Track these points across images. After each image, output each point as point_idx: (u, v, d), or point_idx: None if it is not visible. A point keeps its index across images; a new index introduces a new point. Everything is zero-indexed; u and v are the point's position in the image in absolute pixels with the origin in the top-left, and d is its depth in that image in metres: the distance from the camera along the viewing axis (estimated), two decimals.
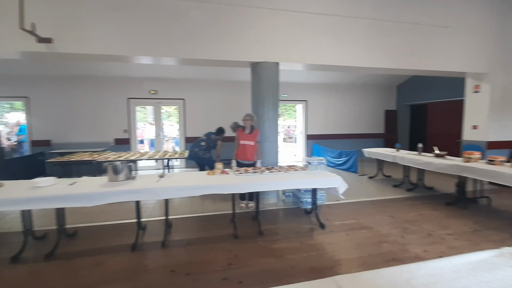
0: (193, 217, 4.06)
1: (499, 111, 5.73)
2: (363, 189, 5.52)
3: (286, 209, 4.37)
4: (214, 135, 5.41)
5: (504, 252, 1.54)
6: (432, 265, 1.40)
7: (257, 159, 4.26)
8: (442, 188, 5.51)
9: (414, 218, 3.88)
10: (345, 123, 9.45)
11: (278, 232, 3.48)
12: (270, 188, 3.31)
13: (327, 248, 3.01)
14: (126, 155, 5.32)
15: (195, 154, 5.31)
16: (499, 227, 3.58)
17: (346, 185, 3.40)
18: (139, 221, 3.37)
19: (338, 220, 3.83)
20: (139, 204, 3.36)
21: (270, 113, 4.61)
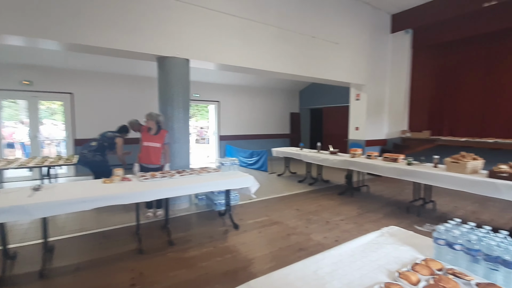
0: (84, 235, 3.38)
1: (373, 116, 7.12)
2: (273, 186, 5.87)
3: (199, 213, 4.18)
4: (112, 133, 4.54)
5: (384, 231, 1.84)
6: (333, 253, 1.53)
7: (165, 162, 3.89)
8: (336, 180, 6.43)
9: (315, 209, 4.35)
10: (255, 124, 9.91)
11: (191, 239, 3.26)
12: (181, 193, 3.07)
13: (241, 248, 3.01)
14: None
15: (83, 157, 4.37)
16: (375, 209, 4.40)
17: (258, 184, 3.49)
18: (5, 248, 2.55)
19: (251, 218, 3.91)
20: (3, 227, 2.54)
21: (180, 113, 4.32)
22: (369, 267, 1.38)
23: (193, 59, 4.43)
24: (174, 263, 2.70)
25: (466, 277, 1.24)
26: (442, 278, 1.22)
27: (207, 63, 4.78)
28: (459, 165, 3.66)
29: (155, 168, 3.76)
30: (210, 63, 4.73)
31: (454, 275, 1.26)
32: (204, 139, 13.31)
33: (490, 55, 5.91)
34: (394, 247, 1.61)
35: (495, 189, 3.12)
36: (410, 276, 1.24)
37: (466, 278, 1.23)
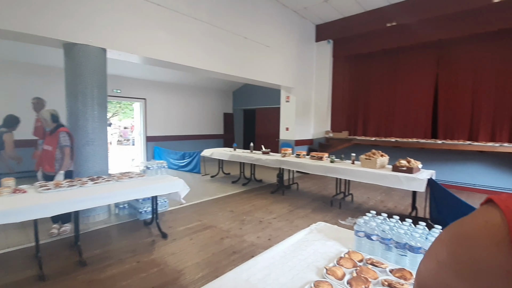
0: None
1: (301, 117, 7.61)
2: (206, 189, 5.67)
3: (121, 225, 3.69)
4: None
5: (312, 228, 1.91)
6: (266, 256, 1.49)
7: (59, 170, 3.13)
8: (269, 179, 6.62)
9: (248, 209, 4.35)
10: (188, 124, 9.47)
11: (109, 256, 2.82)
12: (95, 204, 2.60)
13: (170, 259, 2.75)
14: None
15: None
16: (304, 205, 4.67)
17: (188, 188, 3.27)
18: None
19: (182, 225, 3.65)
20: None
21: (95, 110, 3.73)
22: (299, 267, 1.38)
23: (111, 49, 3.89)
24: (86, 287, 2.28)
25: (382, 265, 1.36)
26: (363, 269, 1.31)
27: (129, 55, 4.28)
28: (371, 161, 4.18)
29: (51, 176, 3.12)
30: (132, 55, 4.24)
31: (372, 264, 1.36)
32: (129, 140, 12.06)
33: (391, 68, 7.00)
34: (321, 243, 1.67)
35: (398, 180, 3.66)
36: (336, 271, 1.29)
37: (382, 266, 1.35)
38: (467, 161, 5.85)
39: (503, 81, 5.50)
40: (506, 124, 5.51)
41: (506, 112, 5.49)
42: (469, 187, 5.82)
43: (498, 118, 5.58)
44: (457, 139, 5.94)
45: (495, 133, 5.62)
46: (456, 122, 6.07)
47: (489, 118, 5.69)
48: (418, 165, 3.93)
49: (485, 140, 5.65)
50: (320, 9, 6.80)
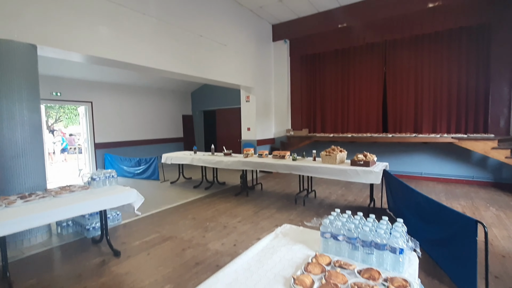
0: None
1: (262, 117, 7.57)
2: (166, 196, 5.30)
3: (64, 246, 3.21)
4: None
5: (278, 232, 1.80)
6: (227, 271, 1.34)
7: None
8: (232, 181, 6.45)
9: (212, 215, 4.15)
10: (143, 129, 8.85)
11: (48, 285, 2.41)
12: (22, 228, 2.16)
13: (124, 280, 2.45)
14: None
15: None
16: (269, 205, 4.61)
17: (142, 198, 2.97)
18: None
19: (137, 239, 3.31)
20: None
21: (24, 116, 3.20)
22: (266, 279, 1.26)
23: (43, 45, 3.39)
24: None
25: (350, 266, 1.30)
26: (331, 274, 1.23)
27: (66, 53, 3.78)
28: (331, 157, 4.27)
29: None
30: (70, 53, 3.75)
31: (341, 267, 1.30)
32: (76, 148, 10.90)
33: (344, 67, 7.33)
34: (287, 248, 1.57)
35: (356, 174, 3.78)
36: (304, 280, 1.19)
37: (350, 268, 1.29)
38: (414, 152, 6.36)
39: (439, 78, 6.08)
40: (444, 116, 6.10)
41: (443, 106, 6.08)
42: (417, 175, 6.33)
43: (438, 111, 6.16)
44: (405, 132, 6.42)
45: (436, 125, 6.20)
46: (403, 116, 6.56)
47: (430, 111, 6.25)
48: (373, 158, 4.11)
49: (428, 132, 6.20)
50: (275, 9, 6.83)
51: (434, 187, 5.54)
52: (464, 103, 5.88)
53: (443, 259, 2.54)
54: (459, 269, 2.28)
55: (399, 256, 1.28)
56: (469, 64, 5.79)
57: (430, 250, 2.73)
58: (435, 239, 2.66)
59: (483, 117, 5.71)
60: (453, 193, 5.09)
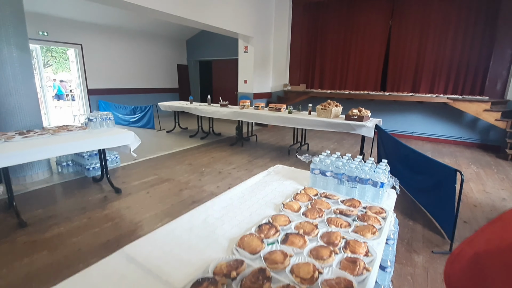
0: None
1: (259, 69, 7.37)
2: (162, 144, 5.41)
3: (65, 183, 3.37)
4: None
5: (270, 171, 1.93)
6: (223, 197, 1.47)
7: None
8: (227, 133, 6.54)
9: (208, 162, 4.30)
10: (137, 76, 8.58)
11: (54, 215, 2.60)
12: (23, 160, 2.23)
13: (125, 213, 2.64)
14: None
15: None
16: (263, 155, 4.77)
17: (139, 140, 3.03)
18: None
19: (137, 179, 3.48)
20: None
21: (13, 52, 3.06)
22: (257, 205, 1.39)
23: None
24: (29, 247, 2.09)
25: (334, 197, 1.44)
26: (317, 201, 1.37)
27: None
28: (326, 111, 4.31)
29: None
30: None
31: (326, 197, 1.44)
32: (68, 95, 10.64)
33: (348, 19, 6.93)
34: (279, 183, 1.70)
35: (350, 127, 3.88)
36: (292, 205, 1.32)
37: (334, 198, 1.43)
38: (408, 112, 6.43)
39: (444, 37, 5.86)
40: (443, 77, 6.04)
41: (444, 66, 5.98)
42: (408, 134, 6.50)
43: (437, 72, 6.07)
44: (402, 91, 6.40)
45: (434, 85, 6.16)
46: (402, 75, 6.46)
47: (430, 71, 6.15)
48: (368, 113, 4.17)
49: (425, 92, 6.19)
50: None
51: (422, 146, 5.75)
52: (465, 64, 5.78)
53: (428, 204, 2.84)
54: (441, 212, 2.54)
55: (379, 190, 1.41)
56: (476, 24, 5.55)
57: (417, 197, 3.06)
58: (421, 188, 2.90)
59: (481, 79, 5.68)
60: (440, 151, 5.31)
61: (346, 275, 0.86)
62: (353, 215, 1.25)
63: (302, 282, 0.84)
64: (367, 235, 1.10)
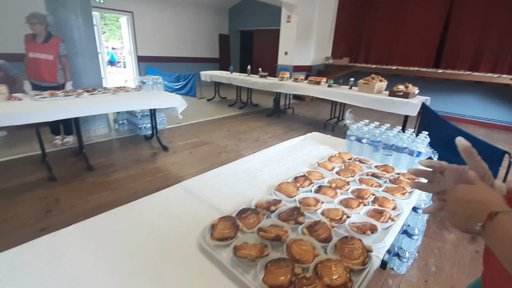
0: None
1: (301, 41, 7.15)
2: (203, 111, 5.71)
3: (122, 139, 3.82)
4: None
5: (307, 136, 2.03)
6: (263, 154, 1.62)
7: (65, 80, 3.19)
8: (264, 104, 6.64)
9: (245, 130, 4.50)
10: (181, 45, 8.87)
11: (114, 163, 3.02)
12: (94, 112, 2.62)
13: (172, 168, 2.97)
14: None
15: None
16: (298, 127, 4.83)
17: (185, 104, 3.28)
18: None
19: (181, 140, 3.81)
20: None
21: (79, 17, 3.41)
22: (293, 163, 1.52)
23: None
24: (97, 186, 2.51)
25: (368, 162, 1.51)
26: (351, 164, 1.45)
27: None
28: (369, 86, 4.16)
29: (51, 86, 3.06)
30: None
31: (360, 161, 1.51)
32: (119, 62, 11.42)
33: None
34: (314, 147, 1.80)
35: (392, 104, 3.72)
36: (327, 165, 1.43)
37: (368, 163, 1.50)
38: (462, 92, 5.87)
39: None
40: (509, 56, 5.32)
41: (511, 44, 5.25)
42: (458, 117, 6.00)
43: (504, 49, 5.36)
44: (459, 69, 5.81)
45: (497, 64, 5.48)
46: (462, 50, 5.82)
47: (494, 48, 5.45)
48: (415, 90, 3.94)
49: (485, 71, 5.55)
50: None
51: (473, 130, 5.30)
52: None
53: None
54: None
55: (415, 159, 1.44)
56: None
57: None
58: None
59: None
60: (493, 137, 4.87)
61: (372, 221, 0.97)
62: (385, 178, 1.31)
63: (331, 221, 0.97)
64: (397, 194, 1.17)
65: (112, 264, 0.75)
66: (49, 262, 0.74)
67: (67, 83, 3.18)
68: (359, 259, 0.79)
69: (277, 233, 0.85)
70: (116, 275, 0.71)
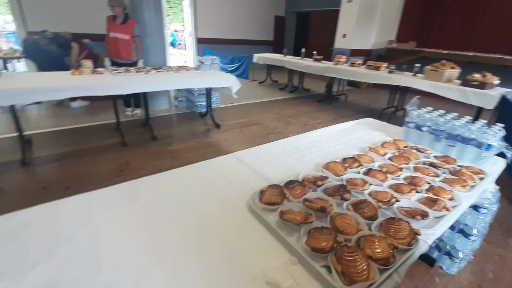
0: (62, 130, 3.32)
1: (362, 22, 6.65)
2: (254, 93, 5.82)
3: (180, 114, 4.16)
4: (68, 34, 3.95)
5: (360, 122, 1.96)
6: (312, 134, 1.64)
7: (137, 58, 3.59)
8: (316, 89, 6.46)
9: (294, 114, 4.48)
10: (236, 27, 9.00)
11: (173, 135, 3.34)
12: (160, 88, 2.92)
13: (223, 143, 3.16)
14: None
15: (33, 43, 3.59)
16: (350, 115, 4.63)
17: (239, 84, 3.40)
18: None
19: (232, 119, 3.99)
20: None
21: (150, 0, 3.71)
22: (343, 145, 1.51)
23: None
24: (159, 154, 2.82)
25: (426, 151, 1.41)
26: (406, 151, 1.38)
27: None
28: (437, 73, 3.73)
29: (124, 63, 3.47)
30: None
31: (417, 150, 1.42)
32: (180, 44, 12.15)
33: None
34: (367, 132, 1.74)
35: (464, 94, 3.31)
36: (379, 150, 1.38)
37: (426, 152, 1.40)
38: None
39: None
40: None
41: None
42: None
43: None
44: None
45: None
46: None
47: None
48: (494, 81, 3.42)
49: None
50: None
51: None
52: None
53: None
54: None
55: (483, 152, 1.30)
56: None
57: None
58: None
59: None
60: None
61: (424, 207, 0.94)
62: (444, 168, 1.23)
63: (377, 202, 0.96)
64: (456, 186, 1.09)
65: (176, 212, 0.89)
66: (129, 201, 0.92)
67: (139, 61, 3.56)
68: (405, 240, 0.79)
69: (322, 205, 0.90)
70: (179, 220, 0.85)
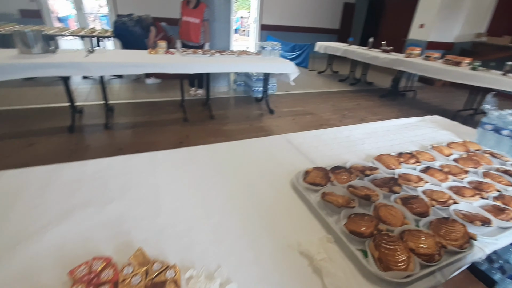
0: (137, 102, 3.79)
1: (446, 10, 5.82)
2: (312, 82, 5.69)
3: (237, 97, 4.34)
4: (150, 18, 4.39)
5: (426, 119, 1.80)
6: (368, 126, 1.57)
7: (204, 41, 3.81)
8: (380, 83, 5.99)
9: (352, 107, 4.27)
10: (302, 14, 8.75)
11: (229, 116, 3.52)
12: (223, 70, 3.12)
13: (275, 129, 3.21)
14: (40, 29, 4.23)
15: (122, 24, 4.17)
16: (417, 114, 4.15)
17: (298, 71, 3.37)
18: (72, 104, 2.98)
19: (286, 107, 4.00)
20: (69, 85, 2.89)
21: None
22: (401, 140, 1.41)
23: None
24: (214, 132, 3.03)
25: (503, 157, 1.24)
26: (476, 154, 1.23)
27: None
28: None
29: (193, 45, 3.73)
30: None
31: (491, 155, 1.25)
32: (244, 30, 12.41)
33: None
34: (432, 130, 1.59)
35: None
36: (443, 149, 1.26)
37: (503, 159, 1.23)
38: None
39: None
40: None
41: None
42: None
43: None
44: None
45: None
46: None
47: None
48: None
49: None
50: None
51: None
52: None
53: None
54: None
55: None
56: None
57: None
58: None
59: None
60: None
61: (487, 214, 0.85)
62: None
63: (431, 201, 0.90)
64: None
65: (225, 178, 0.98)
66: (187, 163, 1.05)
67: (206, 44, 3.80)
68: (456, 242, 0.74)
69: (367, 193, 0.88)
70: (227, 185, 0.94)
